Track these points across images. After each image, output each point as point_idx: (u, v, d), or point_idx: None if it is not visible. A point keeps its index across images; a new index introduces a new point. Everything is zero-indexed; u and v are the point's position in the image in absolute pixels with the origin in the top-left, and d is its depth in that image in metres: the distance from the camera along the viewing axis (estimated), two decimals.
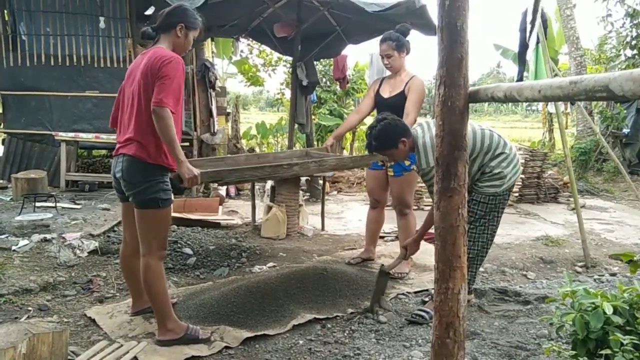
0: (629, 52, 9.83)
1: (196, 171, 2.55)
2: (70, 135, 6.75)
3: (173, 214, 4.70)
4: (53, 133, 6.76)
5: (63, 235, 4.14)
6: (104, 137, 6.74)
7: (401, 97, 3.70)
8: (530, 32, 4.13)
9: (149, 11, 6.40)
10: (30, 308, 2.99)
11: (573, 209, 5.63)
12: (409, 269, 3.82)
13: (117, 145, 2.60)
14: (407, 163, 3.71)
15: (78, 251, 3.86)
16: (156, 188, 2.51)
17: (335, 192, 7.75)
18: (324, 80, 11.49)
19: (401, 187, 3.74)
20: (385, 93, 3.82)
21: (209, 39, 8.80)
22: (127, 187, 2.54)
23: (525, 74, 4.38)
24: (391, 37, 3.70)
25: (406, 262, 3.80)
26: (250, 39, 8.84)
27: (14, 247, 3.86)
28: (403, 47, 3.73)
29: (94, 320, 2.85)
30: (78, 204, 5.69)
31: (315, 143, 10.17)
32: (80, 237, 4.12)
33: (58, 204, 5.36)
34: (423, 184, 7.02)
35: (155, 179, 2.51)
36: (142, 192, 2.50)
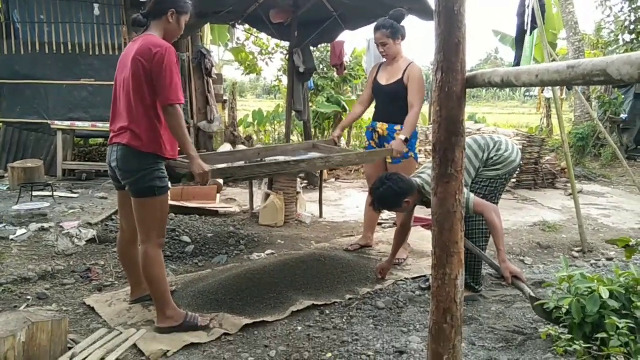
0: (627, 37, 9.78)
1: (207, 167, 2.58)
2: (66, 124, 6.72)
3: (171, 202, 4.71)
4: (49, 122, 6.74)
5: (61, 224, 4.14)
6: (101, 126, 6.71)
7: (399, 85, 3.68)
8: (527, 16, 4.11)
9: None
10: (29, 297, 3.00)
11: (570, 194, 5.64)
12: (407, 255, 3.84)
13: (111, 134, 2.59)
14: (405, 150, 3.71)
15: (76, 240, 3.86)
16: (152, 176, 2.50)
17: (333, 180, 7.75)
18: (322, 67, 11.42)
19: (396, 169, 3.74)
20: (383, 80, 3.80)
21: (205, 26, 8.73)
22: (123, 176, 2.54)
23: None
24: (385, 25, 3.66)
25: (404, 249, 3.82)
26: (247, 26, 8.76)
27: (11, 237, 3.86)
28: (398, 34, 3.69)
29: (93, 309, 2.86)
30: (75, 193, 5.69)
31: (313, 130, 10.15)
32: (78, 225, 4.13)
33: (55, 193, 5.35)
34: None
35: (150, 167, 2.50)
36: (137, 180, 2.49)
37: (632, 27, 9.48)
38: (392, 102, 3.70)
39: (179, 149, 2.88)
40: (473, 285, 3.13)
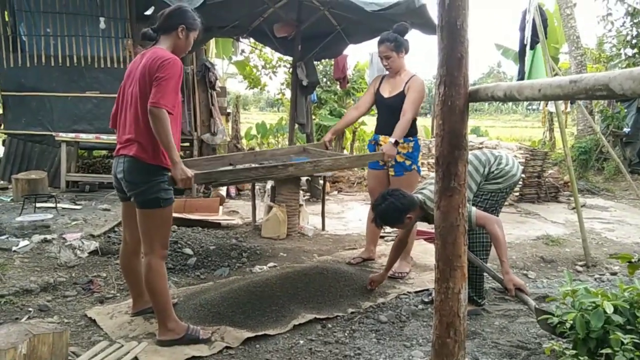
0: (629, 51, 9.82)
1: (190, 172, 2.52)
2: (70, 135, 6.75)
3: (174, 215, 4.71)
4: (53, 134, 6.77)
5: (63, 236, 4.14)
6: (105, 138, 6.75)
7: (401, 97, 3.69)
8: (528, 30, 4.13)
9: (149, 11, 6.40)
10: (30, 309, 2.99)
11: (573, 208, 5.62)
12: (410, 269, 3.82)
13: (118, 146, 2.60)
14: (408, 163, 3.71)
15: (78, 251, 3.86)
16: (157, 188, 2.51)
17: (335, 192, 7.75)
18: (325, 80, 11.49)
19: (402, 187, 3.73)
20: (385, 92, 3.82)
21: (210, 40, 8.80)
22: (129, 188, 2.55)
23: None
24: (389, 38, 3.68)
25: (406, 262, 3.80)
26: (251, 39, 8.84)
27: (14, 248, 3.86)
28: (401, 47, 3.71)
29: (94, 321, 2.85)
30: (78, 205, 5.70)
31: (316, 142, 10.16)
32: (80, 237, 4.13)
33: (58, 205, 5.36)
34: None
35: (156, 179, 2.51)
36: (143, 192, 2.51)
37: (634, 41, 9.52)
38: (393, 114, 3.70)
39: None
40: (476, 299, 3.11)
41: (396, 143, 3.59)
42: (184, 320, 2.71)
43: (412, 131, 3.71)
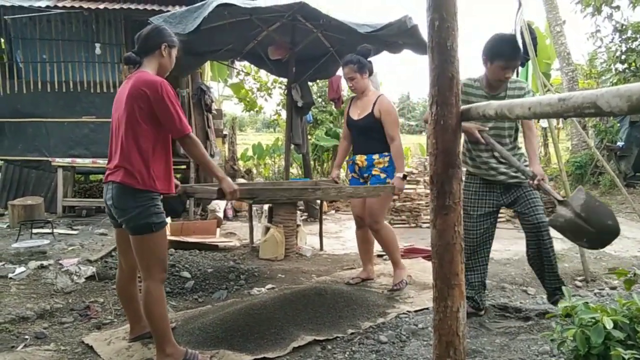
0: (620, 66, 9.96)
1: (235, 186, 2.77)
2: (67, 160, 6.76)
3: (170, 237, 4.70)
4: (50, 159, 6.78)
5: (60, 262, 4.11)
6: (101, 162, 6.76)
7: (370, 118, 3.77)
8: None
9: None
10: (27, 336, 2.96)
11: None
12: (407, 277, 3.85)
13: (107, 172, 2.60)
14: (383, 176, 3.78)
15: (75, 277, 3.83)
16: (148, 212, 2.49)
17: (333, 211, 7.75)
18: (320, 100, 11.58)
19: (378, 200, 3.78)
20: (355, 115, 3.90)
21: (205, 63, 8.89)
22: (119, 214, 2.53)
23: None
24: (352, 60, 3.80)
25: (403, 269, 3.84)
26: (245, 62, 8.93)
27: (10, 275, 3.83)
28: (364, 69, 3.82)
29: (91, 347, 2.81)
30: (75, 230, 5.68)
31: (312, 163, 10.20)
32: (77, 262, 4.10)
33: (55, 230, 5.34)
34: (405, 203, 7.03)
35: (146, 204, 2.49)
36: (134, 218, 2.48)
37: (623, 57, 9.66)
38: (365, 134, 3.83)
39: (178, 182, 2.92)
40: (477, 299, 3.22)
41: (404, 177, 3.71)
42: (182, 345, 2.68)
43: (387, 147, 3.78)
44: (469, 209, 3.22)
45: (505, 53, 2.91)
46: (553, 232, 2.84)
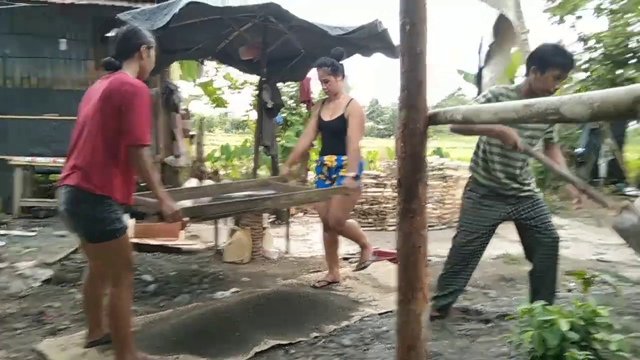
0: (582, 75, 10.33)
1: (176, 207, 2.55)
2: (26, 159, 6.51)
3: (133, 240, 4.57)
4: (7, 158, 6.51)
5: (14, 265, 3.94)
6: (62, 161, 6.50)
7: (341, 120, 3.82)
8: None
9: (112, 33, 6.31)
10: None
11: None
12: (372, 255, 4.01)
13: (62, 174, 2.42)
14: (356, 186, 3.78)
15: (30, 281, 3.68)
16: (109, 219, 2.35)
17: (300, 214, 7.72)
18: (290, 103, 11.54)
19: (344, 201, 3.82)
20: (326, 116, 3.94)
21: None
22: (76, 222, 2.40)
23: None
24: (326, 63, 3.84)
25: (369, 250, 3.95)
26: (216, 62, 8.83)
27: None
28: (338, 71, 3.87)
29: (44, 355, 2.69)
30: (33, 231, 5.46)
31: (281, 164, 10.13)
32: (33, 265, 3.94)
33: (10, 232, 5.13)
34: (371, 205, 7.06)
35: (105, 210, 2.34)
36: (94, 226, 2.35)
37: (584, 66, 10.03)
38: (335, 136, 3.87)
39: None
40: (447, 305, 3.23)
41: (356, 177, 3.73)
42: (142, 350, 2.60)
43: None
44: (472, 219, 3.11)
45: (560, 63, 2.80)
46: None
